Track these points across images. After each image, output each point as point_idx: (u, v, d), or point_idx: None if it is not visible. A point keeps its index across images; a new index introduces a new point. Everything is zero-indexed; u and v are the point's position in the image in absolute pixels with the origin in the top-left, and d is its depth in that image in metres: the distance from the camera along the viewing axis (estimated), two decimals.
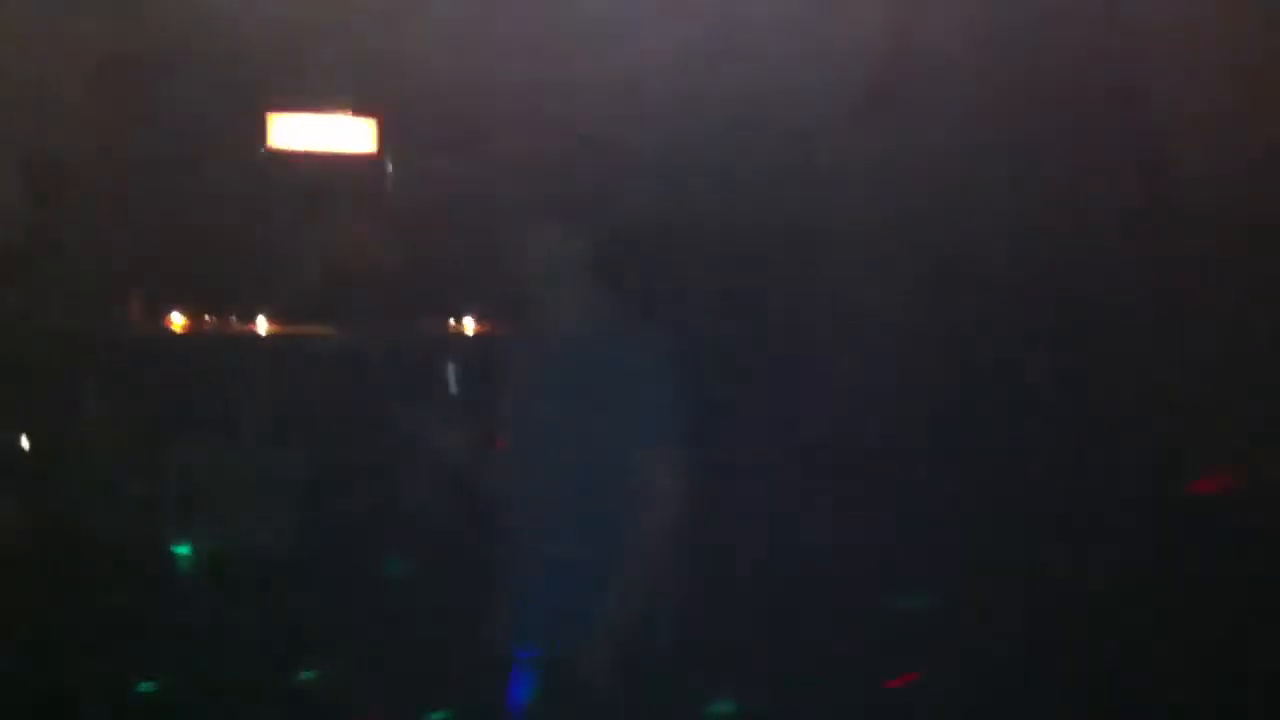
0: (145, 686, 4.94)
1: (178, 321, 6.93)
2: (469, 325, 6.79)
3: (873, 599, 5.01)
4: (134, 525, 6.42)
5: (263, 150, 7.26)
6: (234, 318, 7.00)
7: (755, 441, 5.27)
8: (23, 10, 6.92)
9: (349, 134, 7.27)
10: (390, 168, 7.37)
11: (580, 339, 3.27)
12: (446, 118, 7.11)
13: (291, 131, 7.27)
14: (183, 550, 6.34)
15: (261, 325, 6.89)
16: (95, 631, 5.31)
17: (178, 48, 7.25)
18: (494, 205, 6.51)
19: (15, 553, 6.68)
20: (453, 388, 3.35)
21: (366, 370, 6.58)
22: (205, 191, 7.21)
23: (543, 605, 3.20)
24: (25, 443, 6.78)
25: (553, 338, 3.31)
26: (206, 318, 7.00)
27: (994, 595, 5.01)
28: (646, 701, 3.12)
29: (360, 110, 7.21)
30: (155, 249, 7.19)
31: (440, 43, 6.43)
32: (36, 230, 7.56)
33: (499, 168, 6.70)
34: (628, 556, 3.05)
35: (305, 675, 5.08)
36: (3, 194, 7.70)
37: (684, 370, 3.14)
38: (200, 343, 6.90)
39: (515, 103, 6.27)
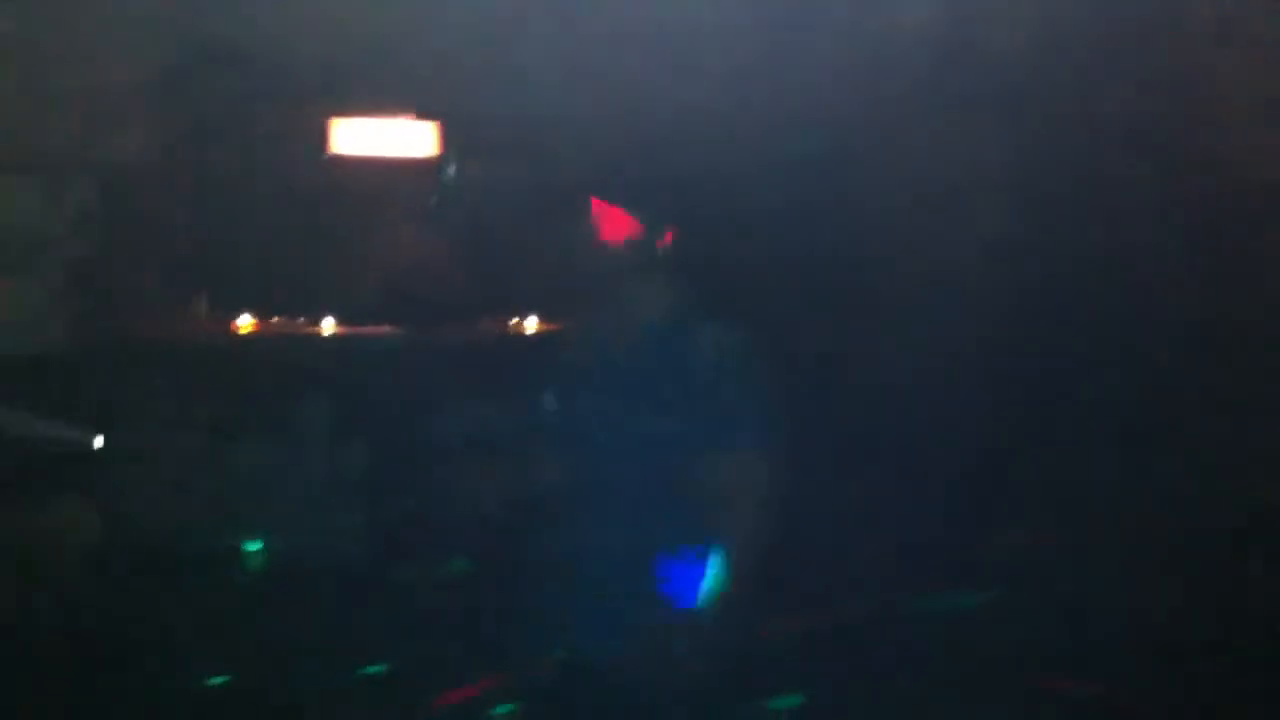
0: (214, 681, 5.01)
1: (244, 323, 7.02)
2: (531, 324, 6.85)
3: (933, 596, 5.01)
4: (201, 525, 6.54)
5: (324, 155, 7.33)
6: (300, 319, 7.08)
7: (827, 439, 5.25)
8: (86, 17, 7.05)
9: (410, 138, 7.33)
10: (452, 171, 7.42)
11: (652, 333, 3.24)
12: (509, 121, 7.16)
13: (353, 136, 7.33)
14: (250, 548, 6.44)
15: (328, 326, 6.98)
16: (161, 631, 5.39)
17: (239, 54, 7.35)
18: (558, 206, 6.59)
19: (83, 552, 6.82)
20: (546, 397, 3.34)
21: (431, 370, 6.65)
22: (268, 196, 7.30)
23: (611, 601, 3.19)
24: (97, 443, 6.90)
25: (624, 333, 3.29)
26: (273, 320, 7.09)
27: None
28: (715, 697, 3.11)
29: (422, 114, 7.27)
30: (220, 253, 7.29)
31: (502, 45, 6.49)
32: (104, 235, 7.69)
33: (560, 169, 6.78)
34: (700, 551, 3.03)
35: (371, 670, 5.13)
36: (71, 200, 7.84)
37: (753, 366, 3.13)
38: (267, 344, 6.98)
39: (574, 103, 6.32)
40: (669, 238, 3.16)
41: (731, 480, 3.08)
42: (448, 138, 7.37)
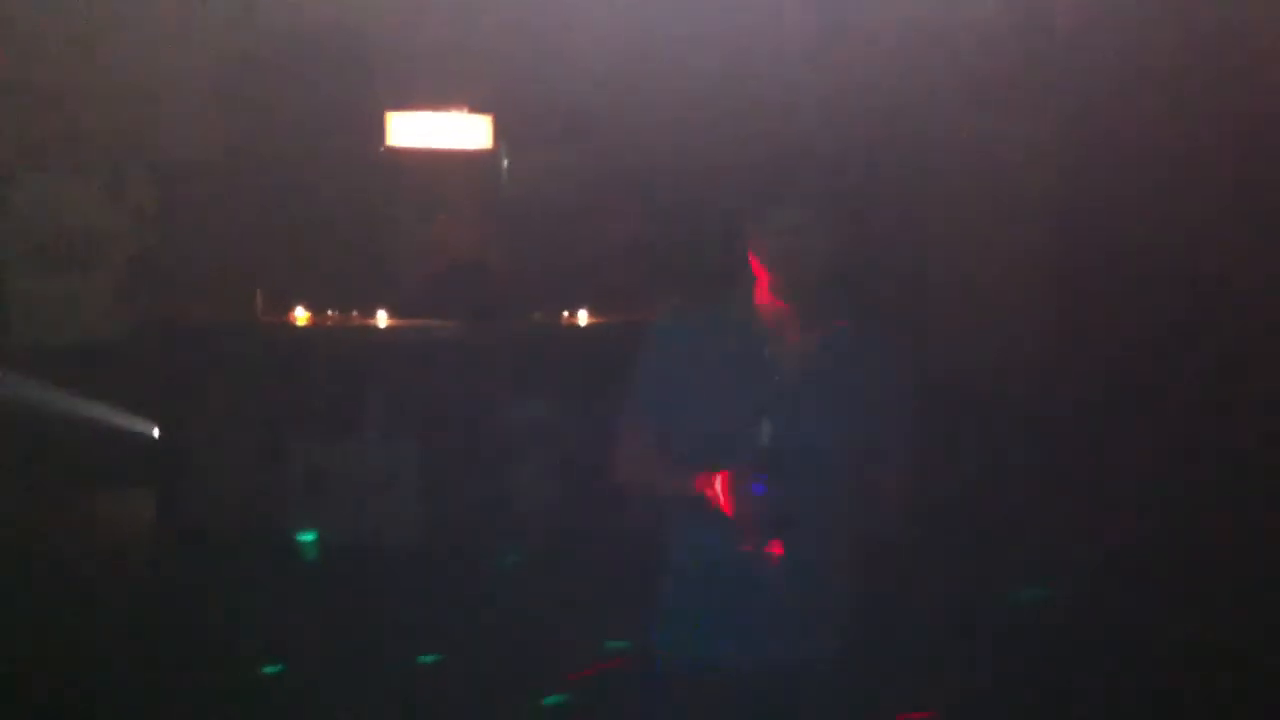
0: (269, 670, 5.04)
1: (301, 316, 7.06)
2: (583, 317, 6.85)
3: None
4: (259, 515, 6.59)
5: (382, 148, 7.37)
6: (356, 312, 7.12)
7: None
8: (150, 16, 7.12)
9: (466, 131, 7.36)
10: (507, 163, 7.45)
11: (729, 327, 3.15)
12: (563, 114, 7.18)
13: (410, 129, 7.37)
14: (306, 538, 6.48)
15: (382, 319, 7.01)
16: (219, 617, 5.43)
17: (298, 50, 7.41)
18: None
19: (144, 545, 6.89)
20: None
21: (487, 362, 6.67)
22: (327, 189, 7.36)
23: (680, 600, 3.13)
24: (155, 432, 6.97)
25: (712, 326, 3.17)
26: (329, 312, 7.12)
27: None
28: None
29: (476, 108, 7.30)
30: (279, 246, 7.35)
31: (557, 39, 6.51)
32: (166, 229, 7.77)
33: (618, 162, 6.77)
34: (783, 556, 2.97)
35: (424, 660, 5.15)
36: (133, 198, 7.92)
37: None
38: (324, 336, 7.02)
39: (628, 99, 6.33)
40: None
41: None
42: (507, 131, 7.40)
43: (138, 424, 7.01)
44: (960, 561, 5.11)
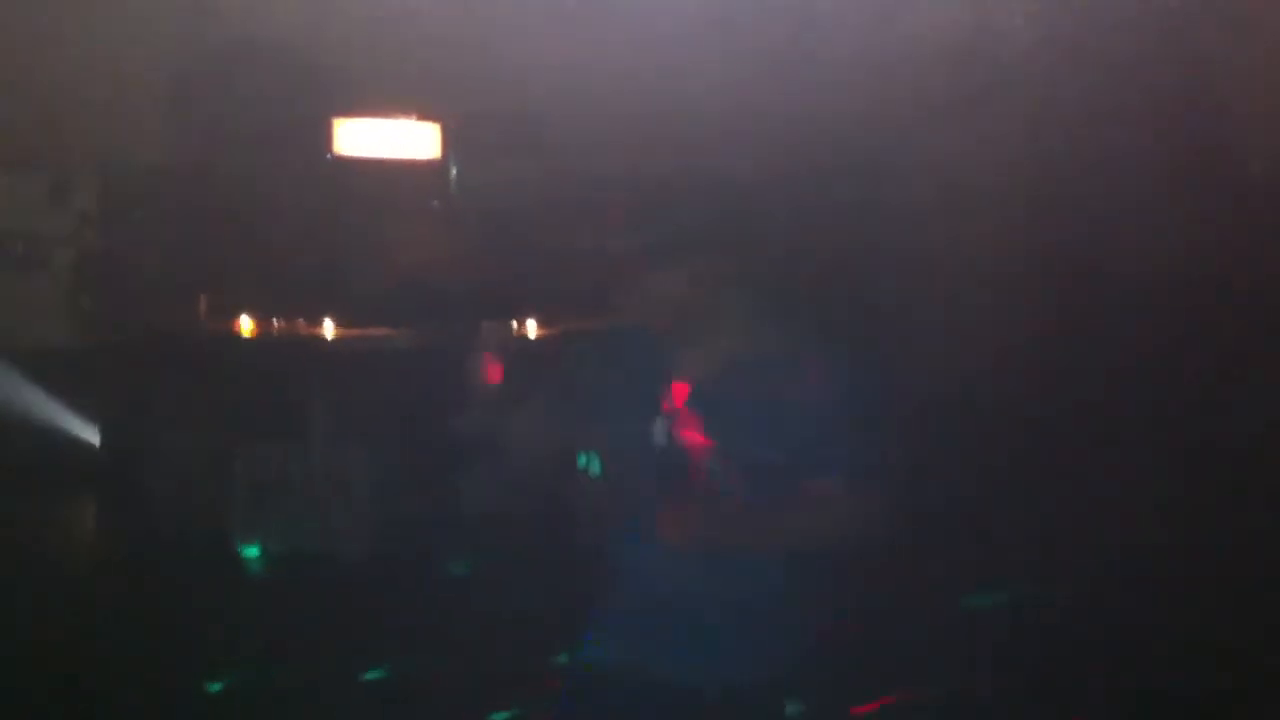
0: (214, 686, 5.00)
1: (246, 326, 7.01)
2: (531, 327, 6.83)
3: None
4: (205, 524, 6.54)
5: (328, 156, 7.33)
6: (301, 321, 7.07)
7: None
8: (97, 25, 7.05)
9: (413, 139, 7.33)
10: (455, 172, 7.43)
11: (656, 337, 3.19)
12: (511, 123, 7.16)
13: (356, 137, 7.34)
14: (252, 551, 6.43)
15: (328, 329, 6.97)
16: (167, 630, 5.38)
17: (245, 57, 7.35)
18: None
19: (87, 551, 6.82)
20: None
21: (431, 372, 6.63)
22: (272, 197, 7.30)
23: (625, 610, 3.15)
24: (96, 440, 6.90)
25: (630, 336, 3.23)
26: (274, 322, 7.08)
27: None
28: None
29: (425, 116, 7.27)
30: (224, 254, 7.29)
31: (506, 49, 6.48)
32: (110, 235, 7.70)
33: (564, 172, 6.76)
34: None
35: (372, 675, 5.12)
36: (79, 200, 7.85)
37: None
38: (268, 346, 6.97)
39: (578, 107, 6.31)
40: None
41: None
42: (454, 138, 7.37)
43: (80, 430, 6.95)
44: (927, 568, 5.13)
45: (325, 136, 7.37)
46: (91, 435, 6.94)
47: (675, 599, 3.03)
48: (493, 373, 3.41)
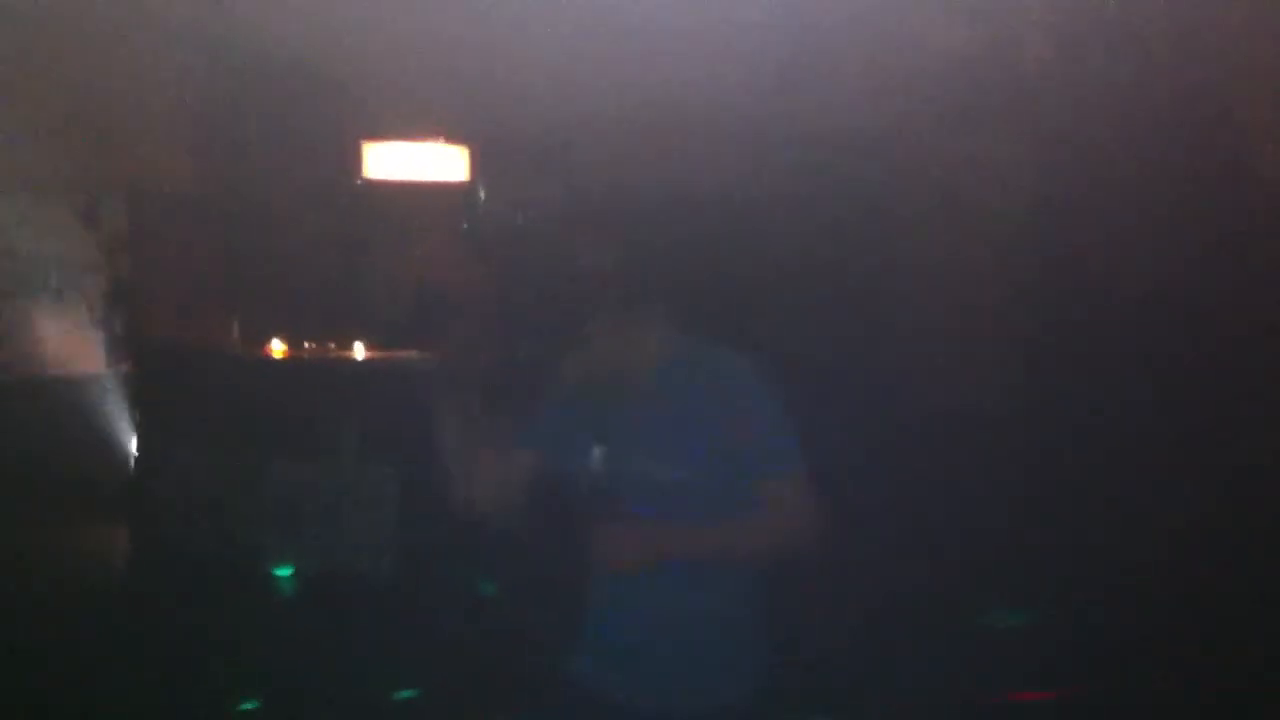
0: (244, 705, 5.02)
1: (277, 348, 7.06)
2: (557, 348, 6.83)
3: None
4: (235, 544, 6.57)
5: (358, 180, 7.38)
6: (331, 344, 7.12)
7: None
8: (125, 47, 7.11)
9: (442, 163, 7.37)
10: (483, 195, 7.46)
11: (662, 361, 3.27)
12: (540, 146, 7.18)
13: (386, 160, 7.38)
14: (283, 571, 6.46)
15: (359, 351, 7.01)
16: (193, 649, 5.41)
17: (274, 80, 7.40)
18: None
19: (120, 571, 6.86)
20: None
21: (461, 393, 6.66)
22: (302, 220, 7.36)
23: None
24: (130, 461, 6.95)
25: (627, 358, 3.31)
26: (305, 344, 7.13)
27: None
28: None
29: (453, 139, 7.31)
30: (254, 276, 7.35)
31: (534, 70, 6.51)
32: (141, 256, 7.76)
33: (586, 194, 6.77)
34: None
35: (400, 695, 5.14)
36: (109, 225, 7.91)
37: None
38: (299, 367, 7.02)
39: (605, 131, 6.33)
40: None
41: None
42: (479, 164, 7.41)
43: (113, 452, 7.00)
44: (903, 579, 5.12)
45: (356, 160, 7.42)
46: (124, 457, 6.99)
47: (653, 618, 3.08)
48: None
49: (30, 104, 7.37)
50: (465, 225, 7.42)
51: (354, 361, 6.99)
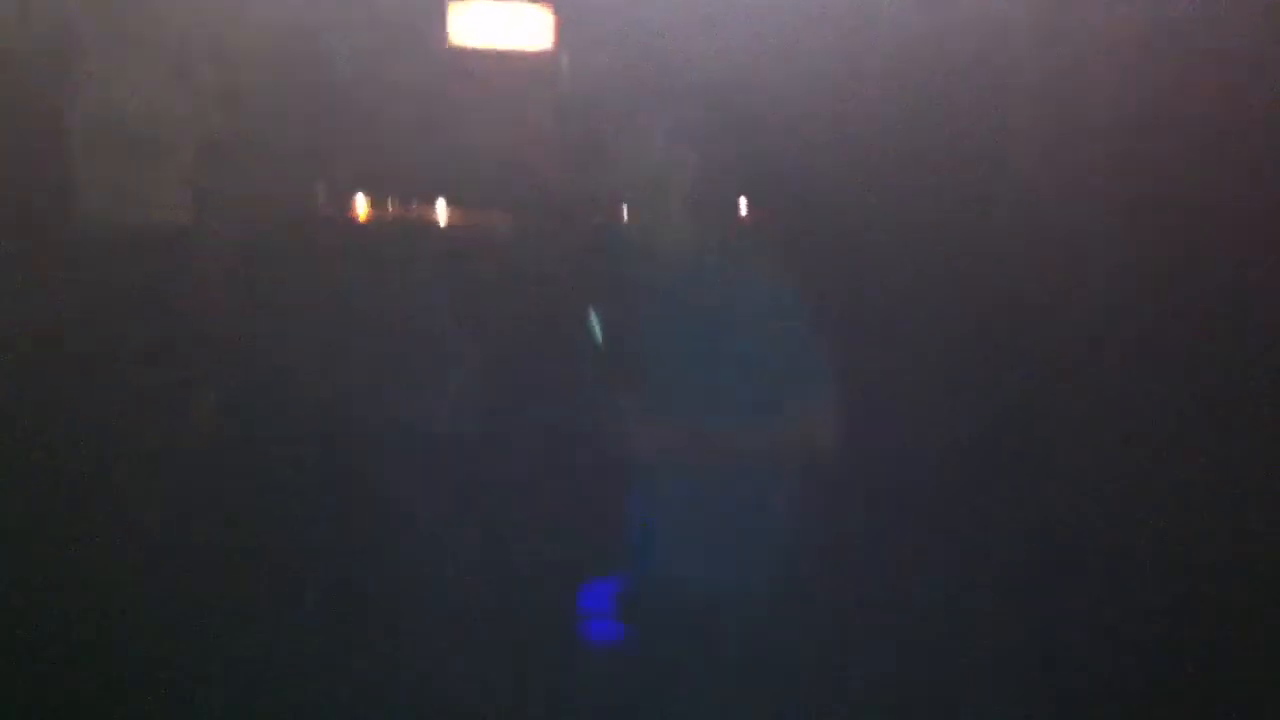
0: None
1: (361, 210, 7.10)
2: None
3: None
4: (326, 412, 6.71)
5: (443, 41, 7.33)
6: (414, 206, 7.16)
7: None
8: None
9: (527, 24, 7.30)
10: (567, 60, 7.40)
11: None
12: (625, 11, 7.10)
13: (470, 21, 7.32)
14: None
15: (441, 214, 7.05)
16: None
17: None
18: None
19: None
20: None
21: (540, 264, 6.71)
22: (386, 82, 7.33)
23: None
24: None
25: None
26: (389, 206, 7.17)
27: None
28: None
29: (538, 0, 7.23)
30: (338, 140, 7.35)
31: None
32: (226, 122, 7.79)
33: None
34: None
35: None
36: (192, 88, 7.94)
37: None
38: (384, 229, 7.07)
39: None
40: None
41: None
42: (567, 27, 7.34)
43: (199, 315, 7.10)
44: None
45: (441, 20, 7.37)
46: (207, 320, 7.08)
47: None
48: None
49: None
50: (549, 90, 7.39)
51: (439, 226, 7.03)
